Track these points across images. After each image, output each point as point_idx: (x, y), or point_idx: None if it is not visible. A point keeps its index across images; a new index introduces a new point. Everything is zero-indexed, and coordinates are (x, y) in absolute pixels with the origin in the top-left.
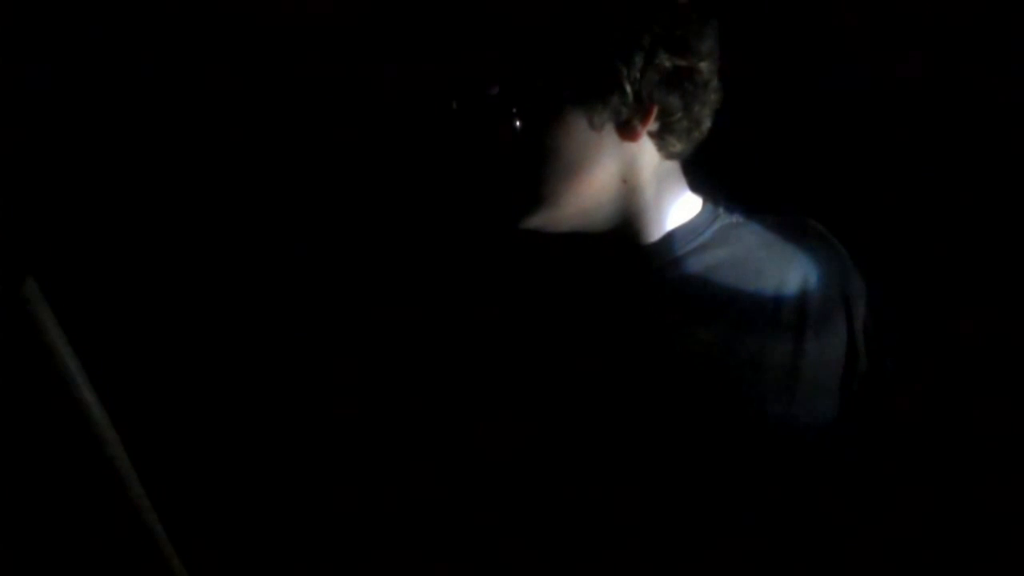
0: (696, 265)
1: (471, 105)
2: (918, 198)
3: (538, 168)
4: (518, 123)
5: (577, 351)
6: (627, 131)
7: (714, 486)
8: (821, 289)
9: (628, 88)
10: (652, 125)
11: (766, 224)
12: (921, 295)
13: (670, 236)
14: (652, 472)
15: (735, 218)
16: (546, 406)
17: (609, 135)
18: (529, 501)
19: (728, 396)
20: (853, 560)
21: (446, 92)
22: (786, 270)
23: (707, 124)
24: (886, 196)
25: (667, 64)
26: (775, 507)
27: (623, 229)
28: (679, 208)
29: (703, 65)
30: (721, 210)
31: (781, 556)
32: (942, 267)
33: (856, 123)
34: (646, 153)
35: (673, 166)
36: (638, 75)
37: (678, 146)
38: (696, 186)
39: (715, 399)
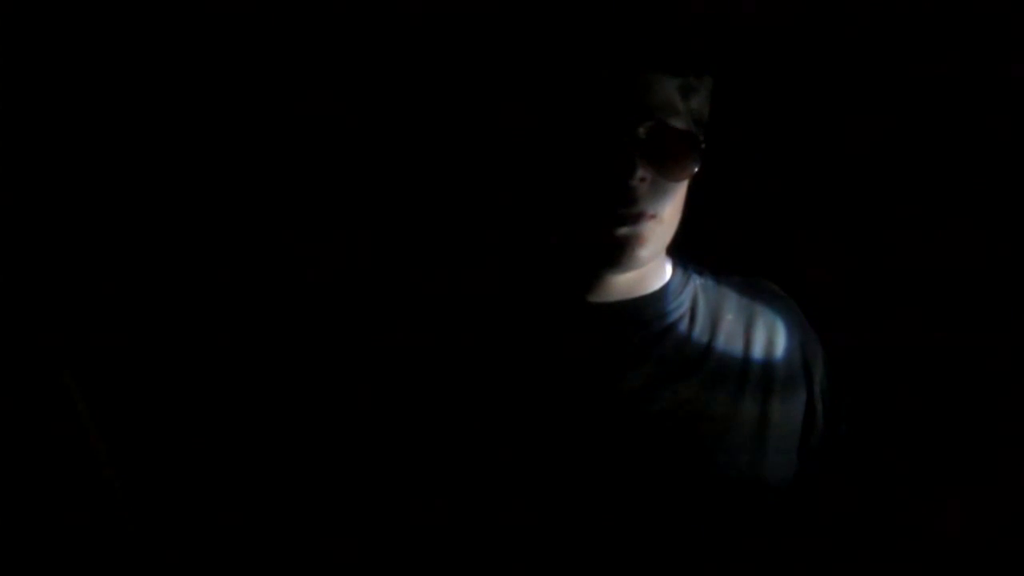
0: (676, 323)
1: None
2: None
3: (672, 218)
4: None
5: (554, 401)
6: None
7: (681, 535)
8: (785, 351)
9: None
10: None
11: (731, 286)
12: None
13: (661, 292)
14: (621, 523)
15: (704, 280)
16: (517, 455)
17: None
18: (492, 549)
19: (701, 450)
20: None
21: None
22: (752, 333)
23: None
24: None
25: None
26: (738, 557)
27: (631, 281)
28: (661, 266)
29: None
30: (691, 272)
31: None
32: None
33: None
34: None
35: None
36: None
37: None
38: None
39: (689, 453)
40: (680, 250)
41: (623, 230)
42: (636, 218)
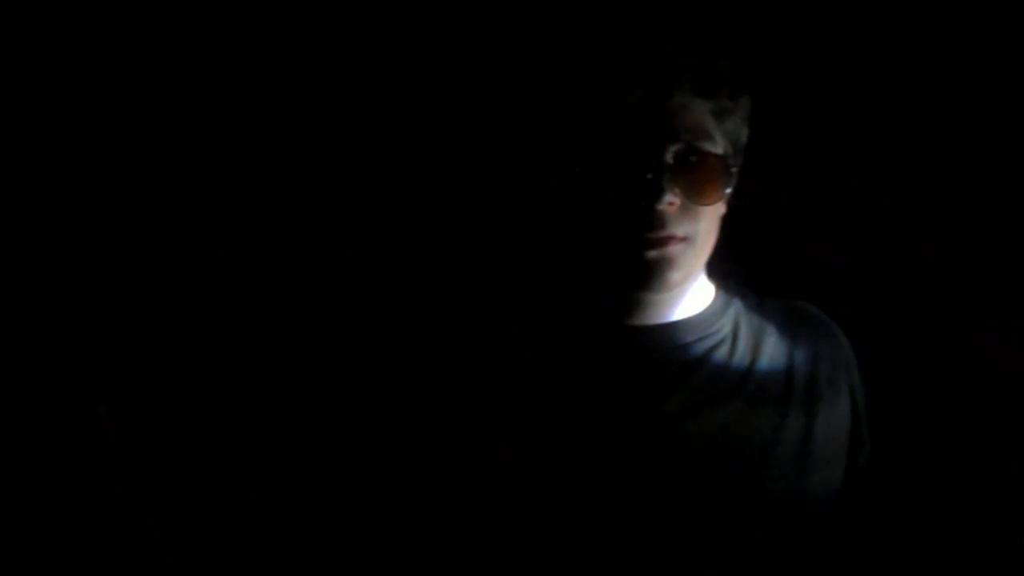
0: (716, 347)
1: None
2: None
3: (705, 240)
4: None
5: (593, 424)
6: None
7: (725, 557)
8: (828, 373)
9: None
10: None
11: (773, 310)
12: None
13: (701, 315)
14: (664, 546)
15: (746, 303)
16: (557, 479)
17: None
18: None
19: (743, 473)
20: None
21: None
22: (795, 354)
23: None
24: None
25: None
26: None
27: (670, 304)
28: (703, 289)
29: None
30: (733, 295)
31: None
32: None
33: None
34: None
35: None
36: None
37: None
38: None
39: (731, 475)
40: (721, 272)
41: (652, 253)
42: (664, 241)
